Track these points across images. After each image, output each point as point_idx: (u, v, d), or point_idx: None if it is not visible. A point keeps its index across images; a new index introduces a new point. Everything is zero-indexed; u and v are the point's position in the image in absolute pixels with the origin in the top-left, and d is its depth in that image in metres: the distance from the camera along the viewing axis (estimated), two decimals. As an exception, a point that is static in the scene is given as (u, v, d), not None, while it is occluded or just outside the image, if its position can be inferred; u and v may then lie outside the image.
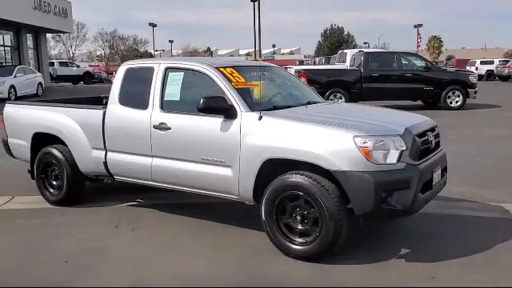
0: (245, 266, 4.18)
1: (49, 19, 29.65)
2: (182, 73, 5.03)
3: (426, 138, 4.47)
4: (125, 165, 5.34)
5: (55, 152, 5.85)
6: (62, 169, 5.81)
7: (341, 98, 15.26)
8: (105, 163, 5.49)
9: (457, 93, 15.97)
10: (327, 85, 15.36)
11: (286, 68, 26.56)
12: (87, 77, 38.98)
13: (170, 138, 4.91)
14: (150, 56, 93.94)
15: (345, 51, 21.28)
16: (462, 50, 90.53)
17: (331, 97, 15.01)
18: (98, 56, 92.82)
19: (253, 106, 4.55)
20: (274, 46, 45.04)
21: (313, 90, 5.84)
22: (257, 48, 39.64)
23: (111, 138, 5.39)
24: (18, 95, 20.48)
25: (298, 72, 17.46)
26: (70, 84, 36.83)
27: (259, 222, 4.42)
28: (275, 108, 4.70)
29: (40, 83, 23.01)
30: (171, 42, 67.16)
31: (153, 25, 54.37)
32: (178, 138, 4.86)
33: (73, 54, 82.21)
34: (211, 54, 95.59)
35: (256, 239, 4.64)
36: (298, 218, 4.16)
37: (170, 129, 4.89)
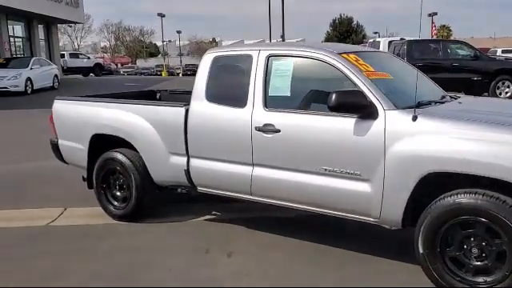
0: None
1: (60, 9, 28.60)
2: (292, 61, 4.04)
3: None
4: (214, 175, 4.38)
5: (121, 157, 4.89)
6: (130, 177, 4.85)
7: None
8: (187, 172, 4.53)
9: (507, 83, 14.93)
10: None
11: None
12: (97, 69, 37.92)
13: (279, 143, 3.94)
14: (156, 48, 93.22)
15: (377, 40, 20.28)
16: (471, 40, 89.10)
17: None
18: (102, 48, 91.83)
19: (397, 102, 3.58)
20: (282, 36, 43.70)
21: (430, 81, 4.83)
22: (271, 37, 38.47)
23: (196, 142, 4.43)
24: (35, 88, 19.51)
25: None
26: (81, 76, 35.80)
27: (388, 243, 3.47)
28: (420, 105, 3.72)
29: (56, 75, 21.96)
30: (179, 32, 65.73)
31: (161, 15, 53.00)
32: (291, 142, 3.89)
33: (78, 45, 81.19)
34: (216, 44, 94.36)
35: (405, 274, 3.68)
36: (474, 250, 3.19)
37: (278, 131, 3.93)
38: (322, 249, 4.20)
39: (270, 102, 4.05)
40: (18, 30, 27.63)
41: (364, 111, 3.55)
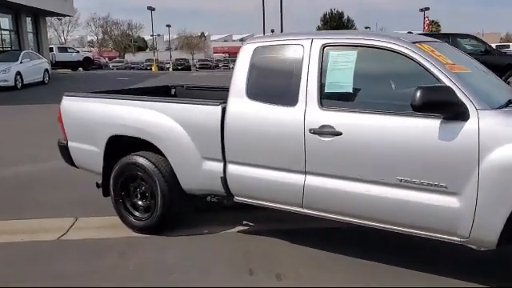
0: None
1: (49, 1, 27.60)
2: (354, 52, 3.46)
3: None
4: (257, 183, 3.80)
5: (144, 162, 4.28)
6: (155, 185, 4.25)
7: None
8: (223, 179, 3.95)
9: (517, 79, 14.52)
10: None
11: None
12: (87, 63, 36.95)
13: (341, 149, 3.37)
14: (144, 42, 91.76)
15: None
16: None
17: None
18: (89, 42, 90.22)
19: (488, 100, 3.03)
20: (272, 30, 43.08)
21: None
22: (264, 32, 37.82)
23: (235, 146, 3.84)
24: (25, 83, 18.67)
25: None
26: (70, 71, 34.79)
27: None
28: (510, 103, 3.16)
29: (46, 70, 21.07)
30: (169, 26, 64.63)
31: (151, 8, 51.97)
32: (356, 148, 3.31)
33: (64, 39, 79.62)
34: (205, 39, 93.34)
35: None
36: None
37: (339, 134, 3.35)
38: (383, 270, 3.64)
39: (327, 100, 3.47)
40: (4, 22, 26.60)
41: (452, 111, 2.98)
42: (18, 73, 18.36)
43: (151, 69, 48.03)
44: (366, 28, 78.64)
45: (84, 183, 5.64)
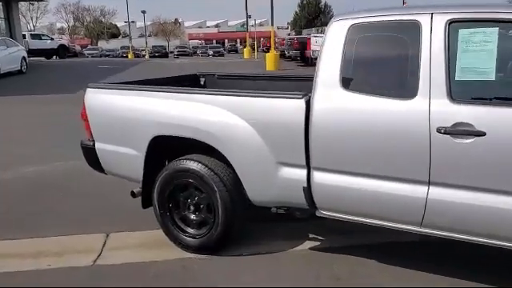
0: None
1: (22, -16, 26.06)
2: (495, 30, 2.72)
3: None
4: (356, 196, 3.06)
5: (200, 168, 3.50)
6: (215, 196, 3.48)
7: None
8: (307, 189, 3.19)
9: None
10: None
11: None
12: (62, 50, 35.27)
13: (484, 152, 2.65)
14: (117, 29, 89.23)
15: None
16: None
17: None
18: (59, 29, 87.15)
19: None
20: (249, 16, 41.93)
21: None
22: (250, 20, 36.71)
23: (325, 148, 3.09)
24: (2, 72, 17.35)
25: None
26: (44, 59, 33.15)
27: None
28: None
29: (24, 58, 19.65)
30: (144, 12, 62.33)
31: (126, -6, 50.21)
32: (506, 152, 2.60)
33: (33, 26, 76.70)
34: (179, 25, 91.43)
35: None
36: None
37: (481, 135, 2.63)
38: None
39: (459, 91, 2.74)
40: (-27, 7, 25.02)
41: None
42: (-5, 61, 17.07)
43: (127, 56, 46.50)
44: (344, 14, 78.48)
45: (100, 188, 4.90)
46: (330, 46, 3.12)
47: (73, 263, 3.60)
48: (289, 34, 48.64)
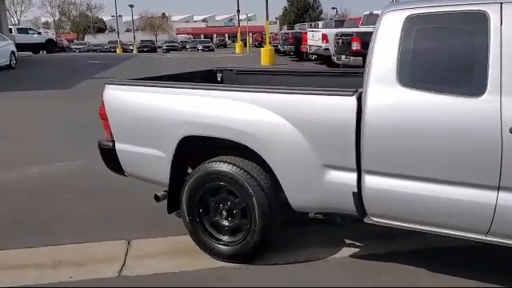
0: None
1: (9, -23, 25.40)
2: None
3: None
4: (412, 201, 2.82)
5: (234, 171, 3.24)
6: (251, 201, 3.22)
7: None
8: (357, 195, 2.95)
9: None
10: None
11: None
12: (50, 45, 34.59)
13: None
14: (104, 23, 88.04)
15: (375, 12, 18.86)
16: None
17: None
18: (44, 23, 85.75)
19: None
20: (238, 11, 41.45)
21: None
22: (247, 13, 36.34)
23: (379, 150, 2.85)
24: (-9, 67, 16.89)
25: (342, 35, 15.14)
26: (31, 53, 32.48)
27: None
28: None
29: (13, 52, 19.12)
30: (131, 6, 61.67)
31: (114, -12, 49.49)
32: None
33: (18, 20, 75.38)
34: (167, 20, 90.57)
35: None
36: None
37: (558, 136, 2.41)
38: None
39: (535, 87, 2.51)
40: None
41: None
42: (-17, 56, 16.56)
43: (115, 51, 45.90)
44: (333, 8, 78.40)
45: (110, 190, 4.64)
46: (384, 39, 2.87)
47: (96, 274, 3.33)
48: (280, 29, 48.29)
